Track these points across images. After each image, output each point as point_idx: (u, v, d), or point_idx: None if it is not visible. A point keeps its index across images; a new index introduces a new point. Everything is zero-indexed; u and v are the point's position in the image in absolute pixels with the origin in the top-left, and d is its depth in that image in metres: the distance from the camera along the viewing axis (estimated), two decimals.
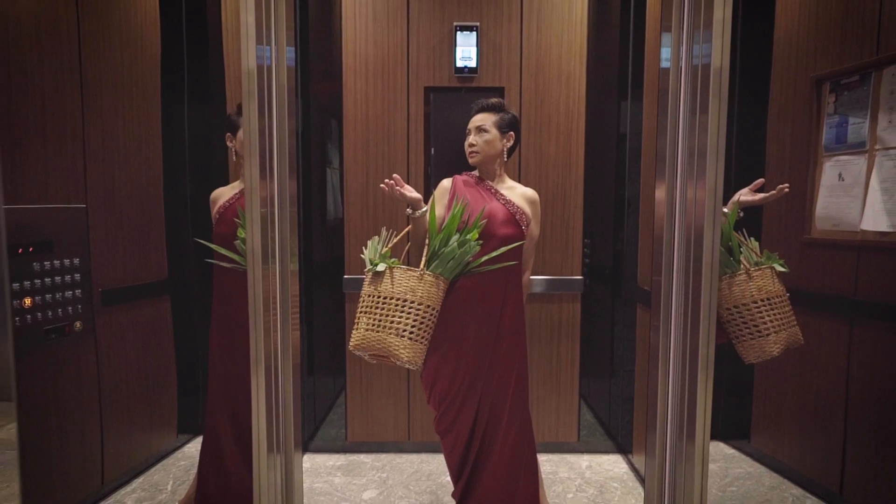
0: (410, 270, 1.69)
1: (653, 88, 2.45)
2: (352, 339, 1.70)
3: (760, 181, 1.87)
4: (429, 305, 1.69)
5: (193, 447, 2.82)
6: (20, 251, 1.91)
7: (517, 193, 1.94)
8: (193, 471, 2.49)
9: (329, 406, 3.26)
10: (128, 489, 2.41)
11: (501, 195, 1.92)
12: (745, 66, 2.71)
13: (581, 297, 2.72)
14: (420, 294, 1.68)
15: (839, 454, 2.24)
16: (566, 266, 2.70)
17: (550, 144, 2.67)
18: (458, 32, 2.61)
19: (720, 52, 1.28)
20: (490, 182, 1.96)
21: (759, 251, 1.87)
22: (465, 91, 2.67)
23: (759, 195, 1.86)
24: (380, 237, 1.80)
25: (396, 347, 1.65)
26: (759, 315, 1.78)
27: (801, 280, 2.38)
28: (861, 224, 2.11)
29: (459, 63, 2.62)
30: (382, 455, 2.79)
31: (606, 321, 3.01)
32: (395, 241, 1.80)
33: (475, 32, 2.61)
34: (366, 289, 1.72)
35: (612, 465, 2.68)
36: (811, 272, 2.36)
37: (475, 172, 2.00)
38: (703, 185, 1.32)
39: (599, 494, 2.41)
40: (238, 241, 1.90)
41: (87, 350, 2.20)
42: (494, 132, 1.91)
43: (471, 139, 1.93)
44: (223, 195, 2.07)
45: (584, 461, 2.72)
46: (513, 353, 1.91)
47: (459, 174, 2.01)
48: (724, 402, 2.86)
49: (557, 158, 2.67)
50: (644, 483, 2.09)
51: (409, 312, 1.66)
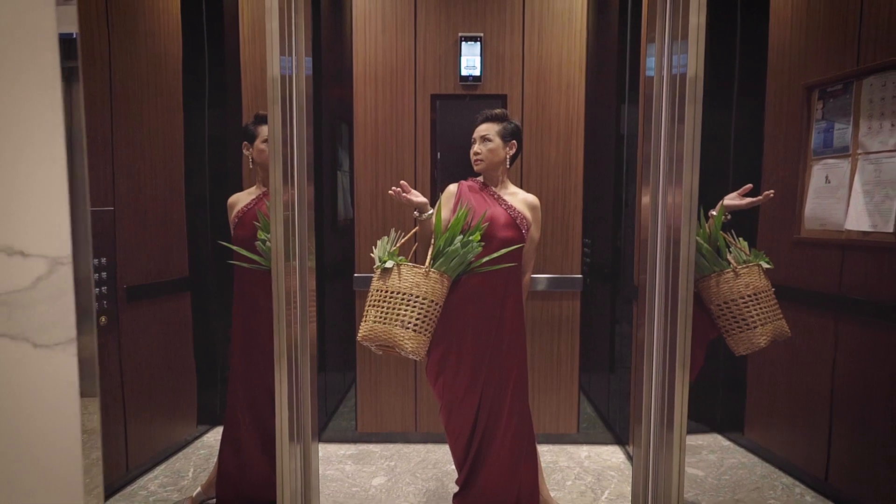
0: (417, 268, 1.82)
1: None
2: (360, 330, 1.81)
3: (749, 186, 1.98)
4: (432, 300, 1.81)
5: (212, 437, 2.96)
6: None
7: (519, 199, 2.04)
8: (212, 459, 2.61)
9: (340, 399, 3.40)
10: (151, 475, 2.55)
11: (504, 200, 2.02)
12: (744, 73, 2.81)
13: (581, 295, 2.82)
14: (425, 290, 1.80)
15: (825, 443, 2.34)
16: (566, 265, 2.82)
17: (551, 149, 2.78)
18: (463, 43, 2.73)
19: (695, 62, 1.38)
20: (493, 188, 2.06)
21: (748, 250, 1.99)
22: (470, 98, 2.79)
23: (746, 199, 1.97)
24: (389, 237, 1.92)
25: (401, 338, 1.76)
26: (747, 309, 1.90)
27: (792, 277, 2.49)
28: (845, 224, 2.21)
29: (464, 72, 2.74)
30: (391, 445, 2.91)
31: (607, 318, 3.12)
32: (403, 241, 1.92)
33: (479, 43, 2.73)
34: (375, 284, 1.84)
35: (610, 455, 2.80)
36: (801, 270, 2.46)
37: (480, 178, 2.09)
38: (681, 189, 1.43)
39: (597, 482, 2.52)
40: (258, 243, 2.02)
41: (112, 343, 2.35)
42: (498, 141, 2.02)
43: (475, 148, 2.03)
44: (241, 200, 2.18)
45: (584, 451, 2.84)
46: (513, 349, 2.00)
47: (465, 179, 2.11)
48: (721, 398, 2.98)
49: (558, 162, 2.78)
50: None
51: (415, 306, 1.78)
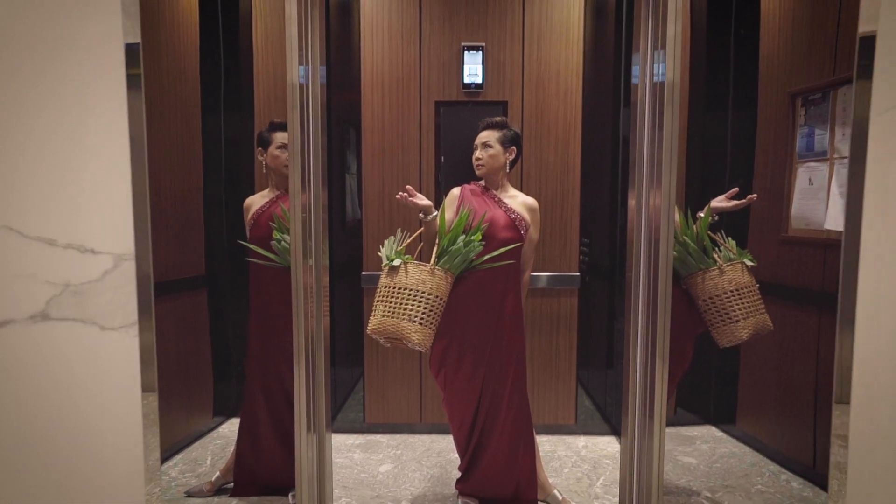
0: (422, 265, 1.95)
1: None
2: (370, 324, 1.94)
3: (735, 190, 2.11)
4: (437, 296, 1.95)
5: (227, 428, 3.09)
6: None
7: (518, 202, 2.17)
8: (228, 449, 2.74)
9: (348, 391, 3.54)
10: (170, 463, 2.69)
11: (503, 203, 2.15)
12: (738, 80, 2.93)
13: (579, 292, 2.95)
14: (430, 286, 1.93)
15: (811, 432, 2.47)
16: (564, 263, 2.94)
17: (550, 152, 2.91)
18: (466, 51, 2.86)
19: (672, 69, 1.49)
20: (494, 191, 2.19)
21: (735, 249, 2.12)
22: (472, 105, 2.93)
23: (732, 202, 2.11)
24: (395, 237, 2.06)
25: (408, 331, 1.90)
26: (730, 304, 2.03)
27: (779, 275, 2.61)
28: (825, 224, 2.34)
29: (467, 79, 2.87)
30: (397, 435, 3.04)
31: (603, 315, 3.25)
32: (409, 241, 2.06)
33: (481, 51, 2.86)
34: (383, 280, 1.97)
35: (606, 446, 2.92)
36: (787, 268, 2.58)
37: (481, 182, 2.22)
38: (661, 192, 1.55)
39: (592, 469, 2.65)
40: (274, 242, 2.16)
41: None
42: (498, 147, 2.15)
43: (477, 154, 2.16)
44: (255, 203, 2.32)
45: (581, 441, 2.97)
46: (512, 342, 2.12)
47: (467, 182, 2.24)
48: (714, 391, 3.10)
49: (556, 165, 2.91)
50: None
51: (421, 301, 1.91)
